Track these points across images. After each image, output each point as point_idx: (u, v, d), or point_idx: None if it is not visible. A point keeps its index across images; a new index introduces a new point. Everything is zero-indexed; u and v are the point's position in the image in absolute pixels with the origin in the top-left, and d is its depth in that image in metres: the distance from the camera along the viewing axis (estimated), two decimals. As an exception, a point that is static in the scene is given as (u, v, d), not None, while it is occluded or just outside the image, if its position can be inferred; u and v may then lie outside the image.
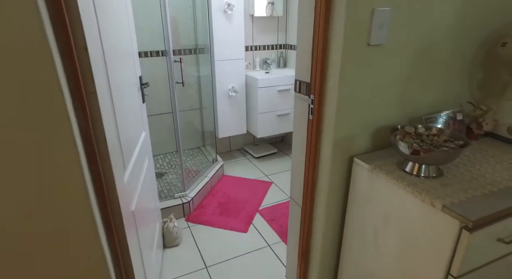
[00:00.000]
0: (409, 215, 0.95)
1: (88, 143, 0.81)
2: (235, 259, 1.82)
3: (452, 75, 1.28)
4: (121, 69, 1.17)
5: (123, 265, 1.03)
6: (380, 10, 1.00)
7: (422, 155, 0.95)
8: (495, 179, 0.97)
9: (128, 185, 1.13)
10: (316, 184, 1.27)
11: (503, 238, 0.87)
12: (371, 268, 1.16)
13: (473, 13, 1.19)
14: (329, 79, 1.08)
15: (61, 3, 0.68)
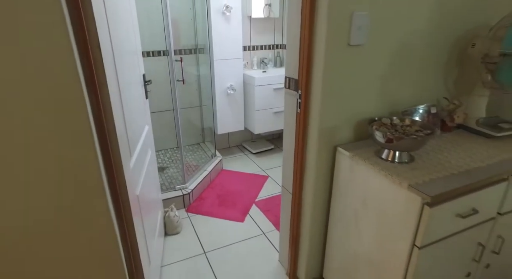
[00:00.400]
0: (383, 195, 1.08)
1: (101, 130, 0.93)
2: (232, 246, 1.94)
3: (428, 72, 1.40)
4: (127, 66, 1.29)
5: (129, 241, 1.15)
6: (358, 14, 1.12)
7: (395, 143, 1.08)
8: (458, 164, 1.09)
9: (133, 171, 1.26)
10: (304, 172, 1.39)
11: (461, 214, 1.00)
12: (353, 248, 1.29)
13: (446, 17, 1.31)
14: (314, 76, 1.21)
15: (80, 10, 0.81)
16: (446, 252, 1.07)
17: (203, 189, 2.55)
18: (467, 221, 1.04)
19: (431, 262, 1.05)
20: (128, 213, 1.12)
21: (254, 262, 1.80)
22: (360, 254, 1.25)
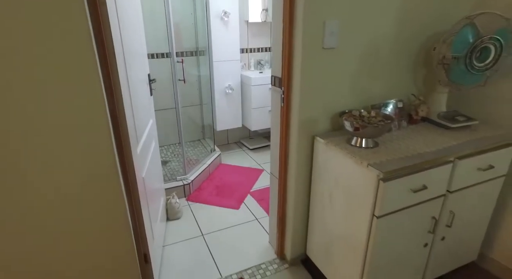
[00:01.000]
0: (350, 174, 1.28)
1: (114, 120, 1.14)
2: (227, 229, 2.15)
3: (397, 72, 1.60)
4: (135, 65, 1.51)
5: (136, 212, 1.36)
6: (330, 22, 1.33)
7: (361, 131, 1.28)
8: (414, 149, 1.29)
9: (140, 156, 1.47)
10: (288, 159, 1.60)
11: (413, 189, 1.20)
12: (329, 223, 1.49)
13: (410, 23, 1.51)
14: (294, 75, 1.41)
15: (100, 22, 1.02)
16: (403, 222, 1.27)
17: (202, 181, 2.75)
18: (419, 196, 1.24)
19: (389, 230, 1.24)
20: (135, 189, 1.33)
21: (247, 244, 2.00)
22: (334, 228, 1.44)
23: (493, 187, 1.48)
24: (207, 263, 1.84)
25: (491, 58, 1.32)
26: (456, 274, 1.69)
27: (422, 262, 1.47)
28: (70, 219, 1.15)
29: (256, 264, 1.82)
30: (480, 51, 1.34)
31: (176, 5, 2.83)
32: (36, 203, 1.08)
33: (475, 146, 1.33)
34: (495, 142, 1.38)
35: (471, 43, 1.31)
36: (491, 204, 1.54)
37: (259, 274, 1.75)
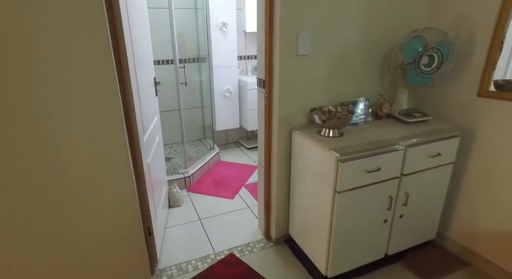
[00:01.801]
0: (317, 158, 1.54)
1: (126, 113, 1.43)
2: (222, 215, 2.41)
3: (366, 75, 1.87)
4: (142, 70, 1.81)
5: (141, 188, 1.64)
6: (303, 33, 1.61)
7: (327, 122, 1.55)
8: (372, 138, 1.55)
9: (146, 145, 1.76)
10: (271, 149, 1.87)
11: (367, 170, 1.46)
12: (304, 203, 1.75)
13: (373, 33, 1.79)
14: (274, 78, 1.70)
15: (117, 32, 1.32)
16: (362, 199, 1.53)
17: (202, 175, 3.03)
18: (374, 176, 1.50)
19: (349, 205, 1.50)
20: (141, 171, 1.62)
21: (238, 227, 2.27)
22: (308, 206, 1.70)
23: (444, 173, 1.74)
24: (203, 241, 2.11)
25: (435, 64, 1.60)
26: (417, 251, 1.94)
27: (384, 237, 1.72)
28: (89, 190, 1.44)
29: (245, 243, 2.08)
30: (428, 58, 1.62)
31: (180, 17, 3.15)
32: (66, 175, 1.37)
33: (424, 137, 1.59)
34: (442, 134, 1.64)
35: (418, 51, 1.58)
36: (443, 188, 1.79)
37: (247, 250, 2.01)
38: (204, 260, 1.92)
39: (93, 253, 1.54)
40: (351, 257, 1.66)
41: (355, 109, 1.78)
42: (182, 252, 2.00)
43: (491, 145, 1.67)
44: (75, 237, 1.48)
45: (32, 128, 1.25)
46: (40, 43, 1.16)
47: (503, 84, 1.61)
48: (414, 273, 1.79)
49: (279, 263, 1.89)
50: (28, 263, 1.41)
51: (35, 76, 1.19)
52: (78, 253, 1.50)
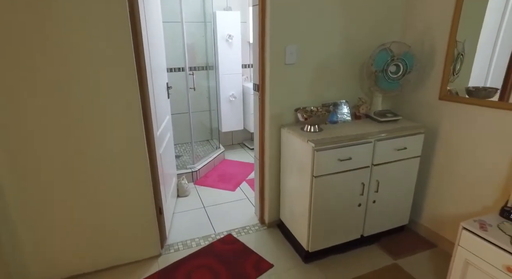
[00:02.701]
0: (300, 149, 1.85)
1: (144, 110, 1.78)
2: (223, 204, 2.73)
3: (347, 81, 2.18)
4: (157, 75, 2.16)
5: (153, 172, 1.98)
6: (290, 46, 1.94)
7: (308, 120, 1.86)
8: (346, 133, 1.85)
9: (158, 138, 2.10)
10: (264, 144, 2.19)
11: (340, 158, 1.76)
12: (291, 188, 2.05)
13: (351, 45, 2.10)
14: (266, 82, 2.02)
15: (138, 44, 1.68)
16: (337, 184, 1.82)
17: (207, 171, 3.37)
18: (346, 165, 1.79)
19: (325, 188, 1.80)
20: (154, 158, 1.96)
21: (238, 214, 2.58)
22: (293, 190, 2.01)
23: (411, 165, 2.01)
24: (206, 224, 2.43)
25: (400, 72, 1.90)
26: (391, 234, 2.20)
27: (359, 219, 2.00)
28: (113, 171, 1.79)
29: (242, 226, 2.39)
30: (395, 66, 1.92)
31: (191, 30, 3.54)
32: (98, 155, 1.72)
33: (391, 133, 1.88)
34: (408, 131, 1.92)
35: (386, 61, 1.89)
36: (412, 179, 2.06)
37: (243, 232, 2.31)
38: (205, 239, 2.24)
39: (118, 220, 1.88)
40: (330, 235, 1.95)
41: (336, 109, 2.09)
42: (187, 232, 2.32)
43: (451, 140, 1.95)
44: (104, 207, 1.83)
45: (79, 120, 1.61)
46: (84, 54, 1.53)
47: (473, 91, 1.88)
48: (386, 253, 2.06)
49: (270, 242, 2.19)
50: (72, 219, 1.77)
51: (83, 80, 1.56)
52: (106, 219, 1.85)
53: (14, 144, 1.55)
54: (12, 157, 1.57)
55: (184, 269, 1.93)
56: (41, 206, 1.69)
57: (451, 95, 1.91)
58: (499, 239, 1.34)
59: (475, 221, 1.48)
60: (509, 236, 1.35)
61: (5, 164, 1.57)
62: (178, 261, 2.00)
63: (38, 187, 1.66)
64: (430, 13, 1.98)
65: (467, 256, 1.46)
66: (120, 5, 1.54)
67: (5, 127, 1.52)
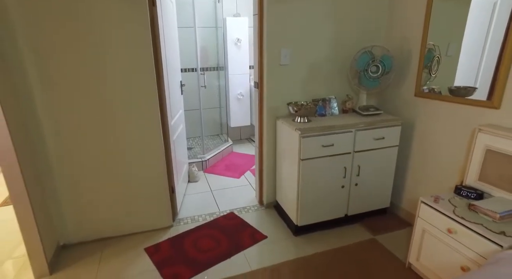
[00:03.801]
0: (290, 137, 2.16)
1: (160, 101, 2.16)
2: (228, 189, 3.08)
3: (336, 79, 2.48)
4: (172, 73, 2.54)
5: (166, 154, 2.35)
6: (284, 49, 2.27)
7: (298, 112, 2.18)
8: (331, 124, 2.16)
9: (172, 127, 2.48)
10: (263, 133, 2.52)
11: (323, 145, 2.07)
12: (284, 171, 2.37)
13: (339, 48, 2.41)
14: (264, 81, 2.36)
15: (156, 48, 2.06)
16: (322, 167, 2.13)
17: (216, 161, 3.73)
18: (329, 150, 2.10)
19: (311, 170, 2.11)
20: (168, 143, 2.33)
21: (240, 197, 2.91)
22: (286, 173, 2.33)
23: (390, 153, 2.30)
24: (212, 204, 2.78)
25: (380, 72, 2.19)
26: (374, 216, 2.48)
27: (343, 200, 2.30)
28: (135, 152, 2.16)
29: (243, 206, 2.73)
30: (376, 67, 2.22)
31: (204, 34, 3.92)
32: (124, 138, 2.10)
33: (370, 124, 2.18)
34: (386, 123, 2.21)
35: (366, 62, 2.19)
36: (391, 166, 2.34)
37: (244, 211, 2.65)
38: (211, 215, 2.59)
39: (138, 195, 2.26)
40: (316, 212, 2.25)
41: (324, 104, 2.40)
42: (195, 210, 2.68)
43: (425, 131, 2.22)
44: (128, 183, 2.21)
45: (111, 109, 2.00)
46: (117, 58, 1.92)
47: (455, 90, 2.14)
48: (367, 230, 2.34)
49: (266, 219, 2.51)
50: (102, 191, 2.16)
51: (115, 77, 1.95)
52: (129, 193, 2.23)
53: (65, 133, 1.96)
54: (60, 140, 1.97)
55: (191, 237, 2.28)
56: (79, 178, 2.09)
57: (423, 92, 2.19)
58: (445, 208, 1.62)
59: (432, 196, 1.77)
60: (454, 206, 1.63)
61: (56, 149, 1.97)
62: (186, 231, 2.36)
63: (78, 163, 2.05)
64: (407, 25, 2.27)
65: (424, 225, 1.75)
66: (143, 20, 1.91)
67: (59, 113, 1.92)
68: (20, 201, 1.81)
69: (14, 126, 1.71)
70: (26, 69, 1.81)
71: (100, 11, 1.83)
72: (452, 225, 1.57)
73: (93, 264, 2.02)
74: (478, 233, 1.45)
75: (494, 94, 1.73)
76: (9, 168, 1.73)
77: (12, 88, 1.74)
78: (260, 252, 2.13)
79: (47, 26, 1.77)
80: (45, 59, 1.82)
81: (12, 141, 1.68)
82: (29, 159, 1.85)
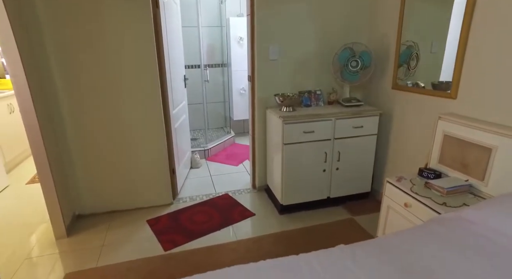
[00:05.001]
0: (276, 124, 2.41)
1: (162, 91, 2.45)
2: (226, 174, 3.35)
3: (322, 73, 2.71)
4: (174, 68, 2.83)
5: (167, 139, 2.64)
6: (273, 45, 2.52)
7: (284, 102, 2.43)
8: (313, 113, 2.39)
9: (174, 116, 2.77)
10: (255, 122, 2.77)
11: (305, 131, 2.31)
12: (272, 156, 2.61)
13: (325, 44, 2.63)
14: (255, 74, 2.61)
15: (159, 45, 2.36)
16: (304, 151, 2.36)
17: (218, 151, 4.01)
18: (310, 136, 2.34)
19: (294, 154, 2.35)
20: (169, 130, 2.62)
21: (236, 181, 3.18)
22: (273, 157, 2.57)
23: (369, 141, 2.51)
24: (209, 186, 3.07)
25: (359, 66, 2.41)
26: (355, 200, 2.69)
27: (326, 183, 2.53)
28: (139, 135, 2.47)
29: (237, 189, 3.00)
30: (356, 62, 2.43)
31: (210, 33, 4.21)
32: (130, 124, 2.41)
33: (349, 114, 2.40)
34: (364, 113, 2.43)
35: (347, 57, 2.41)
36: (371, 153, 2.55)
37: (237, 193, 2.92)
38: (208, 196, 2.87)
39: (143, 174, 2.57)
40: (300, 193, 2.49)
41: (310, 95, 2.63)
42: (194, 191, 2.97)
43: (401, 121, 2.42)
44: (135, 163, 2.52)
45: (120, 95, 2.31)
46: (124, 52, 2.23)
47: (437, 84, 2.32)
48: (347, 212, 2.56)
49: (256, 200, 2.78)
50: (112, 168, 2.48)
51: (125, 68, 2.26)
52: (135, 172, 2.55)
53: (81, 116, 2.29)
54: (76, 124, 2.30)
55: (188, 213, 2.57)
56: (92, 159, 2.41)
57: (399, 85, 2.39)
58: (405, 186, 1.84)
59: (396, 176, 1.98)
60: (412, 185, 1.84)
61: (73, 132, 2.30)
62: (184, 207, 2.65)
63: (90, 145, 2.38)
64: (385, 24, 2.47)
65: (388, 202, 1.97)
66: (147, 19, 2.21)
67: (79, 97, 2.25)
68: (45, 178, 2.15)
69: (41, 113, 2.04)
70: (50, 61, 2.14)
71: (111, 12, 2.14)
72: (408, 200, 1.79)
73: (102, 231, 2.34)
74: (427, 205, 1.66)
75: (452, 86, 1.93)
76: (37, 150, 2.07)
77: (39, 79, 2.08)
78: (246, 226, 2.39)
79: (68, 22, 2.10)
80: (65, 52, 2.15)
81: (39, 127, 2.02)
82: (53, 142, 2.19)
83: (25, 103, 1.97)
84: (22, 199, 2.90)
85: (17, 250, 2.13)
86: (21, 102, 1.98)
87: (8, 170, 3.41)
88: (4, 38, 1.84)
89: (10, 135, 3.47)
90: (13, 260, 2.03)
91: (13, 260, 2.04)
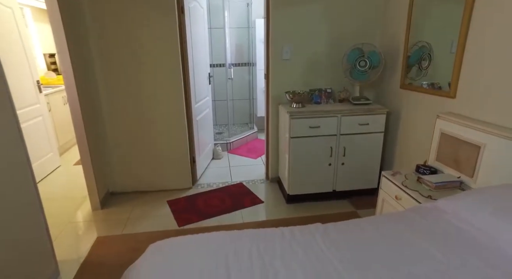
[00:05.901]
0: (285, 119, 2.59)
1: (185, 87, 2.75)
2: (244, 166, 3.59)
3: (333, 73, 2.84)
4: (198, 68, 3.12)
5: (189, 132, 2.94)
6: (286, 45, 2.70)
7: (294, 98, 2.61)
8: (320, 109, 2.54)
9: (196, 110, 3.07)
10: (269, 117, 2.98)
11: (311, 126, 2.47)
12: (282, 148, 2.80)
13: (336, 44, 2.76)
14: (270, 72, 2.82)
15: (184, 46, 2.65)
16: (310, 145, 2.52)
17: (240, 145, 4.27)
18: (315, 131, 2.49)
19: (300, 147, 2.52)
20: (191, 122, 2.92)
21: (252, 172, 3.41)
22: (282, 150, 2.76)
23: (376, 138, 2.59)
24: (226, 176, 3.33)
25: (367, 66, 2.51)
26: (361, 194, 2.79)
27: (331, 176, 2.67)
28: (164, 126, 2.79)
29: (251, 179, 3.22)
30: (365, 62, 2.54)
31: (238, 34, 4.48)
32: (155, 116, 2.75)
33: (355, 112, 2.51)
34: (371, 111, 2.52)
35: (355, 57, 2.52)
36: (377, 149, 2.63)
37: (251, 182, 3.15)
38: (224, 183, 3.13)
39: (167, 160, 2.90)
40: (305, 184, 2.65)
41: (321, 93, 2.78)
42: (213, 179, 3.25)
43: (408, 119, 2.48)
44: (160, 150, 2.86)
45: (147, 95, 2.65)
46: (153, 54, 2.56)
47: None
48: (351, 205, 2.68)
49: (267, 190, 2.98)
50: (140, 152, 2.84)
51: (154, 70, 2.59)
52: (160, 157, 2.88)
53: (115, 104, 2.66)
54: (111, 112, 2.68)
55: (204, 197, 2.85)
56: (125, 143, 2.78)
57: (406, 85, 2.45)
58: (397, 180, 1.94)
59: (392, 171, 2.08)
60: (405, 179, 1.94)
61: (108, 120, 2.69)
62: (200, 192, 2.94)
63: (122, 131, 2.75)
64: (394, 25, 2.54)
65: (384, 196, 2.08)
66: (172, 23, 2.52)
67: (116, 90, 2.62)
68: (85, 161, 2.56)
69: (84, 105, 2.42)
70: (94, 61, 2.53)
71: (142, 16, 2.47)
72: (398, 193, 1.89)
73: (129, 206, 2.70)
74: (413, 198, 1.76)
75: (451, 86, 1.98)
76: (80, 137, 2.47)
77: (85, 77, 2.46)
78: (254, 212, 2.61)
79: (109, 29, 2.47)
80: (106, 53, 2.52)
81: (82, 117, 2.41)
82: (93, 130, 2.57)
83: (72, 96, 2.37)
84: (70, 177, 3.38)
85: (63, 216, 2.56)
86: (69, 95, 2.37)
87: (61, 153, 3.95)
88: (59, 48, 2.25)
89: (64, 123, 4.01)
90: (59, 223, 2.47)
91: (60, 223, 2.47)
